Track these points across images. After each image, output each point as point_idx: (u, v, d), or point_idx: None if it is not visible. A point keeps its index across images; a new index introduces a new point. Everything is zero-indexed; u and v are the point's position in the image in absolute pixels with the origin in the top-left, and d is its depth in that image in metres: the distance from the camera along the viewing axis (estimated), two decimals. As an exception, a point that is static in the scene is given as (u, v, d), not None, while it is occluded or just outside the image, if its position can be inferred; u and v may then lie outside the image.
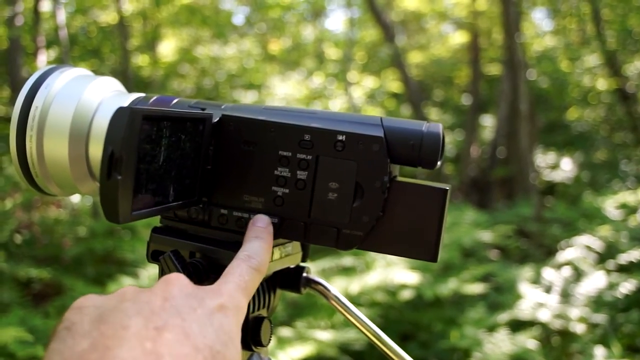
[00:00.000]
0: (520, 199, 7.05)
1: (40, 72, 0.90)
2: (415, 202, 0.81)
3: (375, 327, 0.95)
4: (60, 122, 0.87)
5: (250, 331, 0.90)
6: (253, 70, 9.74)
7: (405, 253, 0.83)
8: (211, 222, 0.86)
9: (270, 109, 0.86)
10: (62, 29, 6.58)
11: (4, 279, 4.53)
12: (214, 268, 0.83)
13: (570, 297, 4.40)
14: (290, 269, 0.98)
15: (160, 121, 0.73)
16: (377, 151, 0.80)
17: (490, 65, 11.06)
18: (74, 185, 0.90)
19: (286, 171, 0.83)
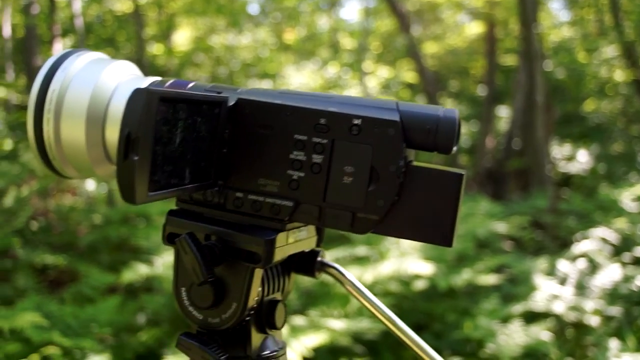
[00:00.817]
0: (536, 191, 7.02)
1: (57, 56, 0.90)
2: (431, 186, 0.80)
3: (390, 312, 0.95)
4: (77, 105, 0.87)
5: (264, 314, 0.91)
6: (268, 60, 9.74)
7: (420, 237, 0.82)
8: (227, 205, 0.86)
9: (286, 93, 0.86)
10: (77, 17, 6.61)
11: (20, 266, 4.56)
12: (229, 251, 0.84)
13: (585, 289, 4.39)
14: (305, 253, 0.98)
15: (176, 103, 0.73)
16: (392, 135, 0.80)
17: (506, 56, 11.02)
18: (91, 168, 0.90)
19: (302, 155, 0.83)
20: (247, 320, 0.89)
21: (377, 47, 13.15)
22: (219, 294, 0.86)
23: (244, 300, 0.85)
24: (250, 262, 0.84)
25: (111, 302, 3.98)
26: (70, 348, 3.32)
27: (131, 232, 5.16)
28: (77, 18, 6.59)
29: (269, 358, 0.92)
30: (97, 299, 4.18)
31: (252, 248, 0.84)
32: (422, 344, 0.93)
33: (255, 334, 0.91)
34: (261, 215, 0.85)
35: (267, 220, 0.85)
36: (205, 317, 0.87)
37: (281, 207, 0.84)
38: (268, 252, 0.84)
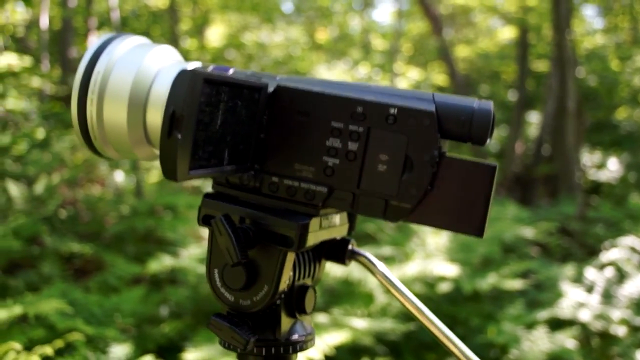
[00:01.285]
0: (564, 197, 6.98)
1: (103, 39, 0.92)
2: (464, 177, 0.81)
3: (420, 302, 0.95)
4: (121, 87, 0.88)
5: (295, 299, 0.92)
6: (299, 58, 9.77)
7: (451, 226, 0.83)
8: (262, 189, 0.88)
9: (324, 82, 0.87)
10: (114, 11, 6.67)
11: (47, 253, 4.61)
12: (263, 234, 0.85)
13: (612, 298, 4.35)
14: (336, 241, 0.99)
15: (219, 85, 0.75)
16: (427, 125, 0.80)
17: (538, 62, 10.96)
18: (130, 149, 0.92)
19: (337, 142, 0.84)
20: (277, 304, 0.90)
21: (409, 49, 13.15)
22: (251, 276, 0.87)
23: (275, 284, 0.86)
24: (283, 246, 0.85)
25: (135, 293, 4.01)
26: (93, 336, 3.34)
27: (157, 223, 5.19)
28: (113, 11, 6.65)
29: (297, 342, 0.93)
30: (121, 289, 4.21)
31: (285, 232, 0.85)
32: (451, 336, 0.93)
33: (285, 318, 0.92)
34: (296, 200, 0.86)
35: (301, 205, 0.86)
36: (237, 299, 0.88)
37: (315, 193, 0.85)
38: (301, 237, 0.85)
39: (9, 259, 4.45)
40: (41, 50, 7.89)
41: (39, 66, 7.70)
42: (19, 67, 6.51)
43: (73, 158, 6.32)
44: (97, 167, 6.66)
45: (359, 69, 10.26)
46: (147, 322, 4.08)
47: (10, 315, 3.18)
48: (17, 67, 6.48)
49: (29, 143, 5.86)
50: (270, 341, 0.91)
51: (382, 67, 10.92)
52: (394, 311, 4.05)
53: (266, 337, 0.91)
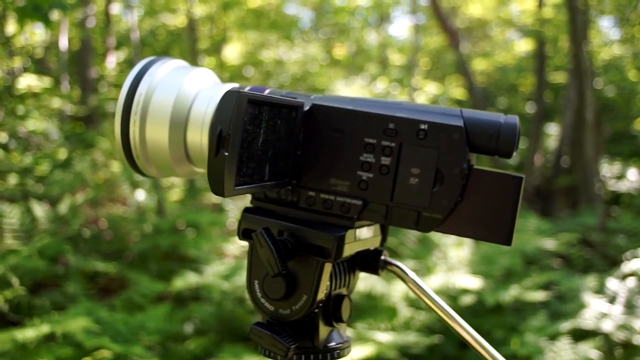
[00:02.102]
0: (584, 209, 6.96)
1: (144, 62, 0.97)
2: (492, 188, 0.85)
3: (452, 310, 0.99)
4: (162, 108, 0.93)
5: (331, 307, 0.96)
6: (317, 74, 9.80)
7: (481, 236, 0.86)
8: (299, 203, 0.92)
9: (357, 100, 0.91)
10: (134, 31, 6.73)
11: (72, 272, 4.64)
12: (301, 246, 0.89)
13: (634, 308, 4.33)
14: (370, 251, 1.03)
15: (261, 105, 0.79)
16: (457, 140, 0.84)
17: (555, 74, 10.93)
18: (171, 167, 0.97)
19: (371, 157, 0.87)
20: (315, 313, 0.94)
21: (426, 63, 13.15)
22: (291, 286, 0.90)
23: (313, 293, 0.90)
24: (321, 257, 0.89)
25: (160, 310, 4.04)
26: (120, 354, 3.38)
27: (180, 241, 5.23)
28: (133, 32, 6.72)
29: (334, 349, 0.96)
30: (146, 306, 4.24)
31: (322, 243, 0.88)
32: (484, 344, 0.96)
33: (322, 326, 0.96)
34: (332, 213, 0.90)
35: (337, 218, 0.90)
36: (277, 309, 0.92)
37: (351, 206, 0.89)
38: (338, 248, 0.88)
39: (33, 279, 4.49)
40: (61, 71, 7.97)
41: (58, 87, 7.78)
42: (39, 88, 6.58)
43: (94, 178, 6.38)
44: (119, 187, 6.71)
45: (377, 84, 10.27)
46: (172, 339, 4.11)
47: (38, 334, 3.22)
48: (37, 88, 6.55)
49: (51, 163, 5.91)
50: (308, 349, 0.94)
51: (400, 81, 10.93)
52: (417, 324, 4.06)
53: (305, 344, 0.94)
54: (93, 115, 8.04)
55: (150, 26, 9.66)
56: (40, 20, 4.02)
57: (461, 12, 13.15)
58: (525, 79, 11.91)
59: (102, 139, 6.70)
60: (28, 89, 6.46)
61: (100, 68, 8.85)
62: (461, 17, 13.15)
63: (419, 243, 5.28)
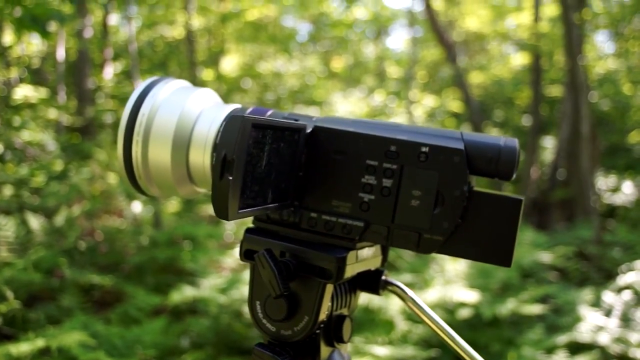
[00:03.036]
0: (581, 222, 6.97)
1: (147, 83, 0.98)
2: (492, 210, 0.85)
3: (450, 329, 0.99)
4: (165, 129, 0.94)
5: (333, 328, 0.97)
6: (315, 87, 9.83)
7: (481, 258, 0.87)
8: (301, 224, 0.92)
9: (359, 122, 0.92)
10: (132, 43, 6.74)
11: (67, 285, 4.63)
12: (303, 267, 0.90)
13: (630, 321, 4.34)
14: (371, 272, 1.03)
15: (265, 129, 0.80)
16: (457, 162, 0.85)
17: (551, 87, 10.97)
18: (174, 187, 0.97)
19: (372, 179, 0.88)
20: (316, 333, 0.94)
21: (423, 76, 13.19)
22: (292, 307, 0.91)
23: (315, 314, 0.90)
24: (323, 278, 0.89)
25: (156, 324, 4.03)
26: (116, 368, 3.37)
27: (177, 254, 5.22)
28: (131, 43, 6.72)
29: None
30: (142, 320, 4.23)
31: (324, 265, 0.89)
32: None
33: (323, 346, 0.96)
34: (333, 234, 0.90)
35: (339, 239, 0.91)
36: (278, 330, 0.92)
37: (352, 227, 0.89)
38: (339, 269, 0.89)
39: (29, 292, 4.47)
40: (57, 82, 7.97)
41: (55, 97, 7.77)
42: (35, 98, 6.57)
43: (91, 189, 6.37)
44: (115, 198, 6.70)
45: (375, 97, 10.30)
46: (169, 353, 4.09)
47: (33, 348, 3.20)
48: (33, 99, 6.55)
49: (47, 175, 5.90)
50: None
51: (397, 94, 10.96)
52: (414, 338, 4.06)
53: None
54: (90, 126, 8.03)
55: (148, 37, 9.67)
56: (38, 31, 4.03)
57: (458, 26, 13.20)
58: (522, 92, 11.96)
59: (99, 151, 6.69)
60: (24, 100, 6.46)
61: (98, 79, 8.86)
62: (458, 31, 13.19)
63: (416, 257, 5.28)
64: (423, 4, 9.79)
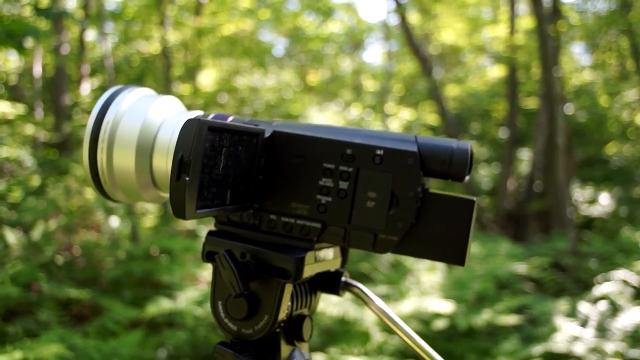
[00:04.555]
0: (557, 233, 7.02)
1: (111, 91, 1.00)
2: (446, 211, 0.88)
3: (410, 330, 1.01)
4: (128, 136, 0.96)
5: (293, 327, 0.99)
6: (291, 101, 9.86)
7: (436, 257, 0.89)
8: (261, 226, 0.94)
9: (316, 126, 0.95)
10: (107, 58, 6.73)
11: (45, 299, 4.62)
12: (263, 267, 0.92)
13: (606, 331, 4.37)
14: (330, 273, 1.05)
15: (222, 132, 0.82)
16: (411, 165, 0.88)
17: (527, 99, 11.04)
18: (138, 193, 0.99)
19: (329, 182, 0.91)
20: (277, 332, 0.96)
21: (400, 89, 13.24)
22: (253, 306, 0.93)
23: (275, 313, 0.92)
24: (282, 278, 0.91)
25: (133, 337, 4.03)
26: (92, 381, 3.36)
27: (154, 267, 5.22)
28: (107, 59, 6.72)
29: None
30: (119, 333, 4.23)
31: (283, 265, 0.91)
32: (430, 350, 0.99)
33: (284, 345, 0.98)
34: (292, 235, 0.93)
35: (298, 240, 0.93)
36: (239, 328, 0.94)
37: (310, 229, 0.92)
38: (298, 269, 0.91)
39: (6, 306, 4.46)
40: (34, 98, 7.95)
41: (32, 114, 7.75)
42: (12, 114, 6.56)
43: (68, 204, 6.35)
44: (93, 213, 6.68)
45: (351, 110, 10.34)
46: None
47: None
48: (10, 115, 6.53)
49: (24, 190, 5.89)
50: None
51: (373, 107, 11.01)
52: (390, 349, 4.08)
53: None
54: (67, 142, 8.00)
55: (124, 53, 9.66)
56: (14, 48, 4.03)
57: (434, 39, 13.28)
58: (498, 104, 12.03)
59: (76, 166, 6.68)
60: (1, 116, 6.45)
61: (75, 95, 8.83)
62: (434, 44, 13.27)
63: (392, 268, 5.31)
64: (398, 17, 9.85)
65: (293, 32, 11.82)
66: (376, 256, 5.46)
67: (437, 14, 12.78)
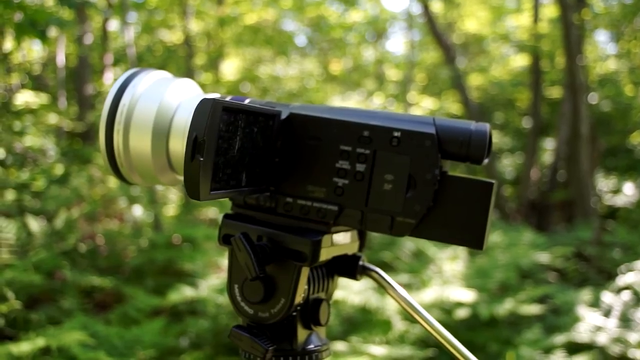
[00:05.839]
0: (580, 223, 6.98)
1: (128, 74, 1.00)
2: (464, 194, 0.87)
3: (429, 315, 1.01)
4: (145, 118, 0.96)
5: (309, 311, 0.98)
6: (314, 90, 9.84)
7: (454, 240, 0.88)
8: (277, 209, 0.94)
9: (333, 108, 0.94)
10: (130, 47, 6.75)
11: (68, 287, 4.65)
12: (279, 251, 0.92)
13: (629, 322, 4.34)
14: (348, 257, 1.04)
15: (237, 113, 0.81)
16: (429, 147, 0.87)
17: (551, 88, 10.96)
18: (154, 176, 0.99)
19: (346, 164, 0.90)
20: (293, 316, 0.96)
21: (423, 78, 13.19)
22: (269, 289, 0.93)
23: (291, 296, 0.92)
24: (298, 261, 0.91)
25: (155, 325, 4.05)
26: (115, 368, 3.38)
27: (177, 255, 5.23)
28: (129, 48, 6.74)
29: (313, 352, 0.98)
30: (142, 321, 4.25)
31: (300, 248, 0.91)
32: (460, 348, 0.98)
33: (300, 329, 0.98)
34: (309, 218, 0.92)
35: (314, 223, 0.93)
36: (256, 312, 0.94)
37: (327, 211, 0.91)
38: (314, 252, 0.91)
39: (29, 294, 4.50)
40: (58, 88, 7.99)
41: (56, 103, 7.80)
42: (36, 104, 6.60)
43: (91, 193, 6.39)
44: (116, 202, 6.72)
45: (374, 99, 10.30)
46: (168, 353, 4.11)
47: (34, 347, 3.22)
48: (34, 105, 6.57)
49: (48, 179, 5.93)
50: (287, 351, 0.96)
51: (396, 97, 10.97)
52: (412, 338, 4.07)
53: (283, 347, 0.96)
54: (90, 132, 8.05)
55: (147, 42, 9.68)
56: (37, 37, 4.04)
57: (457, 28, 13.20)
58: (521, 93, 11.95)
59: (99, 155, 6.70)
60: (25, 105, 6.49)
61: (98, 84, 8.88)
62: (457, 33, 13.19)
63: (414, 257, 5.29)
64: (421, 6, 9.80)
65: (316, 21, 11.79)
66: (398, 245, 5.45)
67: (460, 3, 12.70)
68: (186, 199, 7.05)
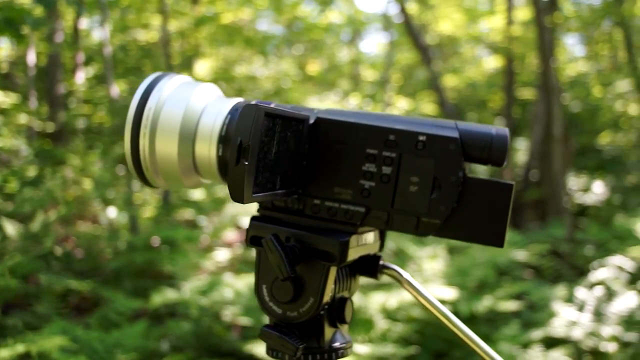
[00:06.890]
0: (553, 221, 7.06)
1: (152, 78, 1.02)
2: (486, 195, 0.92)
3: (447, 310, 1.04)
4: (172, 122, 0.98)
5: (335, 310, 1.02)
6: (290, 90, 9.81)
7: (476, 239, 0.93)
8: (305, 210, 0.98)
9: (358, 113, 0.98)
10: (106, 46, 6.67)
11: (44, 291, 4.59)
12: (308, 251, 0.95)
13: (602, 316, 4.42)
14: (369, 257, 1.09)
15: (275, 118, 0.85)
16: (453, 150, 0.91)
17: (523, 89, 11.06)
18: (179, 179, 1.01)
19: (372, 167, 0.94)
20: (321, 315, 1.00)
21: (399, 79, 13.22)
22: (298, 289, 0.96)
23: (320, 296, 0.96)
24: (327, 261, 0.95)
25: (136, 328, 4.02)
26: (96, 372, 3.36)
27: (156, 258, 5.20)
28: (105, 46, 6.66)
29: (339, 349, 1.03)
30: (122, 324, 4.21)
31: (328, 248, 0.94)
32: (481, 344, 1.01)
33: (327, 327, 1.02)
34: (336, 219, 0.96)
35: (342, 224, 0.96)
36: (284, 311, 0.97)
37: (354, 213, 0.95)
38: (342, 252, 0.94)
39: (4, 299, 4.42)
40: (28, 87, 7.85)
41: (26, 103, 7.67)
42: (6, 104, 6.50)
43: (65, 195, 6.31)
44: (90, 204, 6.64)
45: (350, 100, 10.31)
46: (149, 356, 4.08)
47: (13, 353, 3.17)
48: (4, 104, 6.48)
49: (21, 181, 5.85)
50: (315, 349, 1.00)
51: (372, 97, 10.98)
52: (394, 336, 4.10)
53: (311, 345, 1.00)
54: (62, 132, 7.94)
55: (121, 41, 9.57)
56: (12, 35, 3.98)
57: (432, 29, 13.25)
58: (495, 94, 12.04)
59: (72, 156, 6.64)
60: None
61: (69, 84, 8.75)
62: (432, 34, 13.24)
63: (394, 256, 5.32)
64: (398, 7, 9.83)
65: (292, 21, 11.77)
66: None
67: (435, 5, 12.77)
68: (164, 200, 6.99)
